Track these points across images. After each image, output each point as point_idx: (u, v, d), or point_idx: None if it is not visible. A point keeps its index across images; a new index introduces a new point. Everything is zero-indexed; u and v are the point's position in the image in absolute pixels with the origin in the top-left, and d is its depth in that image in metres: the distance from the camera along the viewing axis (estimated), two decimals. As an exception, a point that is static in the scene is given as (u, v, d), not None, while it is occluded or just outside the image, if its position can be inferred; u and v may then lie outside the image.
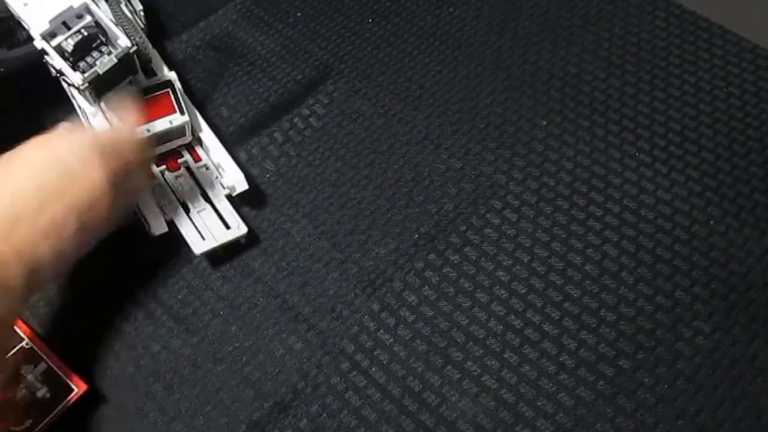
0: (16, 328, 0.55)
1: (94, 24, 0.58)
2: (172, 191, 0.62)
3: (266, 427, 0.54)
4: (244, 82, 0.75)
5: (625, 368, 0.56)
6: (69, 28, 0.58)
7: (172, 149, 0.64)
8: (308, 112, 0.72)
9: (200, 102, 0.73)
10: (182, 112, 0.61)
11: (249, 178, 0.65)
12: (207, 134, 0.64)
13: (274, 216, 0.65)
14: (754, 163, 0.67)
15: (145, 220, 0.59)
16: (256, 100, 0.73)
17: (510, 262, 0.61)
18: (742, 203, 0.64)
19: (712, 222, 0.63)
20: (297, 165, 0.68)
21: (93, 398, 0.54)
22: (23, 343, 0.54)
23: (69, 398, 0.53)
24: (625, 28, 0.78)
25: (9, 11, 0.59)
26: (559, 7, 0.80)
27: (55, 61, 0.57)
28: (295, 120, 0.72)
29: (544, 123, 0.70)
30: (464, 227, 0.63)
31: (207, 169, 0.65)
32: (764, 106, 0.70)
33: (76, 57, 0.57)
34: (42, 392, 0.53)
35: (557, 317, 0.58)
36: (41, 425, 0.51)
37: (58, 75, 0.60)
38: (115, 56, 0.57)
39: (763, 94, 0.71)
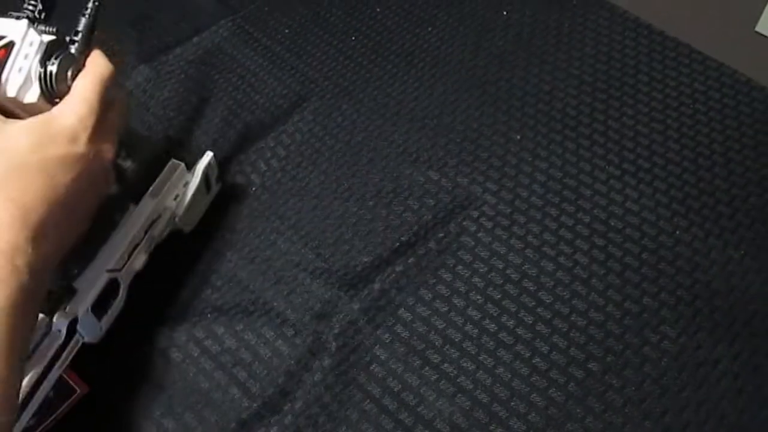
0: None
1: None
2: None
3: (254, 426, 0.55)
4: (233, 97, 0.77)
5: (594, 371, 0.57)
6: None
7: None
8: (293, 128, 0.74)
9: (190, 115, 0.75)
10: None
11: (237, 189, 0.68)
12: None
13: (261, 227, 0.67)
14: (718, 176, 0.69)
15: None
16: (244, 113, 0.75)
17: (485, 269, 0.63)
18: (706, 214, 0.66)
19: (678, 232, 0.65)
20: (281, 179, 0.70)
21: (92, 399, 0.56)
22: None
23: (71, 399, 0.54)
24: (595, 47, 0.80)
25: None
26: (533, 27, 0.83)
27: None
28: (281, 135, 0.74)
29: (518, 137, 0.72)
30: (442, 234, 0.65)
31: None
32: (728, 122, 0.73)
33: None
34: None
35: (530, 322, 0.60)
36: (45, 424, 0.53)
37: None
38: None
39: (728, 110, 0.74)
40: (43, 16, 0.49)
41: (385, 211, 0.67)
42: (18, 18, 0.47)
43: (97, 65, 0.49)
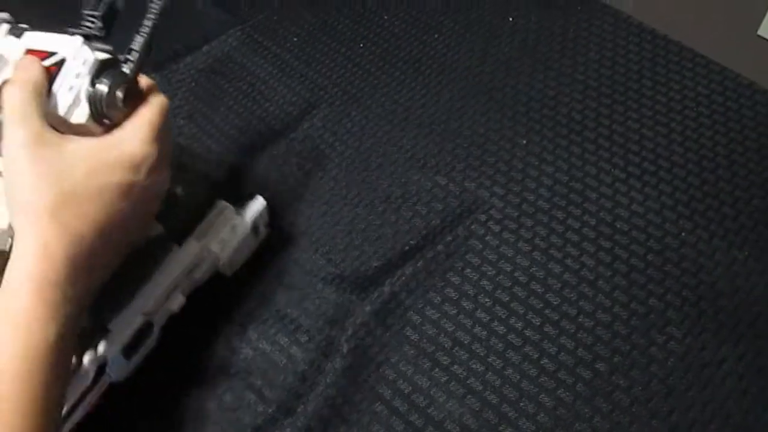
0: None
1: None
2: None
3: (268, 429, 0.56)
4: (243, 105, 0.78)
5: (601, 371, 0.58)
6: None
7: None
8: (302, 135, 0.75)
9: (201, 123, 0.76)
10: None
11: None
12: None
13: (272, 235, 0.67)
14: (722, 178, 0.70)
15: None
16: (254, 120, 0.76)
17: (493, 272, 0.64)
18: (711, 216, 0.67)
19: (683, 234, 0.66)
20: (292, 185, 0.71)
21: (108, 412, 0.55)
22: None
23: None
24: (600, 53, 0.81)
25: None
26: (538, 34, 0.84)
27: None
28: (291, 141, 0.74)
29: (524, 142, 0.73)
30: (450, 238, 0.66)
31: None
32: (731, 125, 0.74)
33: None
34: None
35: (538, 323, 0.61)
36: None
37: None
38: None
39: (731, 113, 0.75)
40: (103, 33, 0.47)
41: (394, 216, 0.68)
42: (73, 35, 0.46)
43: (156, 94, 0.48)
